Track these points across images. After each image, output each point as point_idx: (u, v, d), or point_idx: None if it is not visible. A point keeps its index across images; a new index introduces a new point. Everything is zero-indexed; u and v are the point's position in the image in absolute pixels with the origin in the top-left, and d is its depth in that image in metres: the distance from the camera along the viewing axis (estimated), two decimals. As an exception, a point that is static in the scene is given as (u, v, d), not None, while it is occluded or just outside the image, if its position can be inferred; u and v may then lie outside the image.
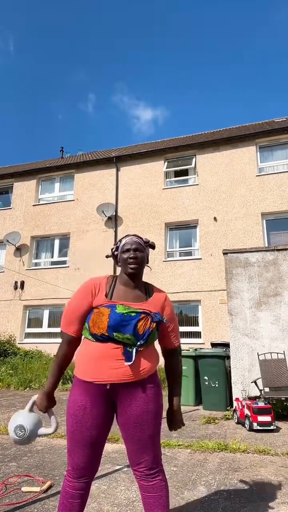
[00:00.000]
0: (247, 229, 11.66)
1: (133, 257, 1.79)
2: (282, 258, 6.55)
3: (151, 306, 1.76)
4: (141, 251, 1.83)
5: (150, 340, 1.73)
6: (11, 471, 3.23)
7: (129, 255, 1.79)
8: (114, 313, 1.67)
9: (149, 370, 1.73)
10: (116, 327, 1.66)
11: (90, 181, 14.11)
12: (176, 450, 3.89)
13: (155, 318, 1.72)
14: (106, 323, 1.66)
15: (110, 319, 1.66)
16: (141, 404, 1.69)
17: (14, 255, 14.09)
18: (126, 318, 1.67)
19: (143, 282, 1.86)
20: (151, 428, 1.70)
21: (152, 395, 1.72)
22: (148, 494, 1.69)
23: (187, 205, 12.58)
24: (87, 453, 1.70)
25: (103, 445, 1.77)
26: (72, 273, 13.10)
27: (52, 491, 2.77)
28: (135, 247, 1.81)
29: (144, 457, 1.69)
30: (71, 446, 1.72)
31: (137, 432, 1.68)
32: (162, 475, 1.73)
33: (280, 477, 3.09)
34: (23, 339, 13.07)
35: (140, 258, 1.80)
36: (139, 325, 1.67)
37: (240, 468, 3.31)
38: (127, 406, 1.69)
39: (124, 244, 1.84)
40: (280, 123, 13.67)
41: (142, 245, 1.85)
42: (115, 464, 3.41)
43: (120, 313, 1.67)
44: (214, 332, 10.97)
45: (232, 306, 6.52)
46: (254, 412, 4.71)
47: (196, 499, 2.63)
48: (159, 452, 1.76)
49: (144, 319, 1.69)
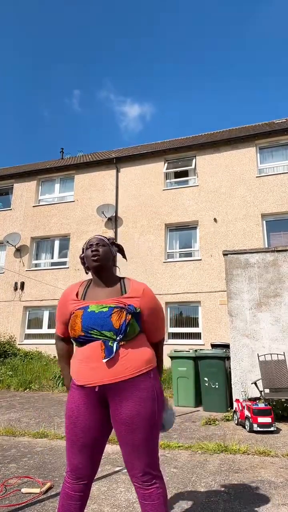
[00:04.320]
0: (247, 230, 11.67)
1: (95, 250, 1.84)
2: (282, 259, 6.55)
3: (126, 299, 1.76)
4: (104, 246, 1.88)
5: (130, 332, 1.69)
6: (11, 473, 3.22)
7: (92, 249, 1.85)
8: (86, 313, 1.71)
9: (137, 367, 1.67)
10: (89, 326, 1.68)
11: (90, 182, 14.13)
12: (176, 451, 3.88)
13: (129, 310, 1.70)
14: (80, 325, 1.69)
15: (82, 320, 1.69)
16: (132, 406, 1.64)
17: (14, 256, 14.09)
18: (98, 315, 1.68)
19: (117, 278, 1.89)
20: (143, 432, 1.63)
21: (145, 397, 1.66)
22: (145, 502, 1.65)
23: (187, 206, 12.59)
24: (83, 454, 1.69)
25: (101, 447, 1.75)
26: (72, 274, 13.10)
27: (52, 492, 2.77)
28: (97, 242, 1.88)
29: (136, 462, 1.64)
30: (68, 447, 1.73)
31: (128, 435, 1.63)
32: (159, 482, 1.67)
33: (280, 478, 3.08)
34: (23, 340, 13.07)
35: (102, 252, 1.84)
36: (113, 319, 1.67)
37: (240, 470, 3.30)
38: (118, 408, 1.66)
39: (88, 242, 1.92)
40: (280, 124, 13.69)
41: (106, 241, 1.91)
42: (115, 465, 3.40)
43: (92, 311, 1.70)
44: (214, 333, 10.97)
45: (232, 307, 6.52)
46: (254, 413, 4.70)
47: (196, 500, 2.62)
48: (155, 458, 1.68)
49: (117, 312, 1.68)
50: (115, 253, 1.97)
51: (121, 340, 1.68)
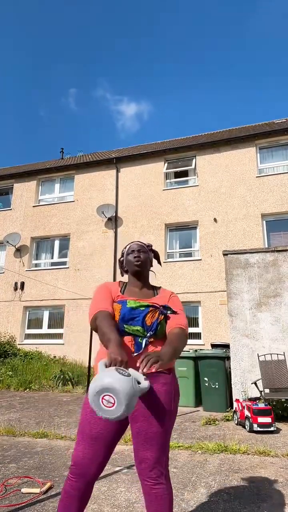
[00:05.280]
0: (247, 230, 11.67)
1: (137, 256, 1.98)
2: (282, 259, 6.55)
3: (158, 301, 1.90)
4: (145, 253, 2.02)
5: (159, 331, 1.80)
6: (11, 473, 3.22)
7: (134, 255, 1.99)
8: (124, 307, 1.81)
9: (162, 364, 1.70)
10: (125, 320, 1.78)
11: (90, 182, 14.13)
12: (176, 451, 3.89)
13: (163, 311, 1.84)
14: (117, 317, 1.79)
15: (121, 313, 1.80)
16: (151, 398, 1.70)
17: (14, 256, 14.09)
18: (135, 312, 1.80)
19: (150, 284, 2.03)
20: (158, 424, 1.68)
21: (165, 392, 1.73)
22: (151, 502, 1.67)
23: (187, 206, 12.59)
24: (93, 448, 1.69)
25: (112, 445, 1.75)
26: (72, 274, 13.10)
27: (52, 492, 2.77)
28: (139, 249, 2.02)
29: (147, 454, 1.67)
30: (78, 438, 1.74)
31: (144, 425, 1.69)
32: (166, 483, 1.69)
33: (280, 478, 3.08)
34: (23, 340, 13.06)
35: (143, 258, 1.99)
36: (147, 317, 1.80)
37: (240, 470, 3.30)
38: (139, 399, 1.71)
39: (129, 247, 2.05)
40: (280, 124, 13.69)
41: (146, 248, 2.06)
42: (115, 465, 3.41)
43: (130, 307, 1.81)
44: (214, 333, 10.97)
45: (232, 307, 6.52)
46: (254, 413, 4.71)
47: (196, 500, 2.62)
48: (165, 455, 1.72)
49: (152, 312, 1.82)
50: (152, 258, 2.12)
51: (151, 337, 1.78)
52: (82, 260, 13.14)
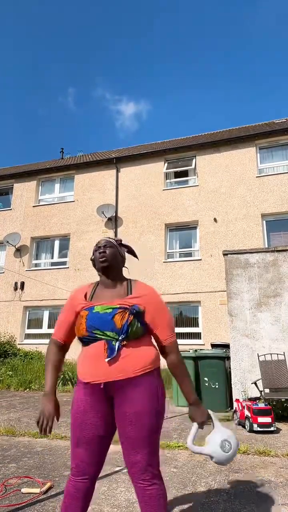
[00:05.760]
0: (247, 230, 11.67)
1: (102, 252, 1.89)
2: (282, 259, 6.55)
3: (131, 300, 1.79)
4: (111, 247, 1.92)
5: (132, 333, 1.71)
6: (11, 473, 3.22)
7: (99, 251, 1.91)
8: (91, 313, 1.75)
9: (141, 367, 1.71)
10: (93, 326, 1.72)
11: (90, 182, 14.13)
12: (176, 451, 3.88)
13: (132, 311, 1.74)
14: (84, 325, 1.74)
15: (87, 320, 1.74)
16: (135, 403, 1.67)
17: (14, 256, 14.09)
18: (102, 316, 1.73)
19: (124, 279, 1.92)
20: (145, 428, 1.67)
21: (148, 395, 1.69)
22: (145, 504, 1.66)
23: (187, 206, 12.59)
24: (88, 451, 1.71)
25: (106, 444, 1.77)
26: (72, 274, 13.11)
27: (52, 492, 2.77)
28: (105, 244, 1.93)
29: (137, 458, 1.66)
30: (73, 443, 1.75)
31: (131, 431, 1.67)
32: (159, 483, 1.68)
33: (281, 478, 3.08)
34: (23, 340, 13.07)
35: (109, 253, 1.89)
36: (116, 320, 1.71)
37: (241, 470, 3.30)
38: (121, 405, 1.70)
39: (95, 245, 1.97)
40: (280, 124, 13.69)
41: (113, 243, 1.96)
42: (115, 465, 3.40)
43: (96, 312, 1.74)
44: (214, 333, 10.97)
45: (232, 307, 6.52)
46: (254, 413, 4.70)
47: (196, 500, 2.62)
48: (156, 456, 1.71)
49: (120, 313, 1.72)
50: (124, 254, 2.00)
51: (123, 340, 1.71)
52: (82, 260, 13.14)
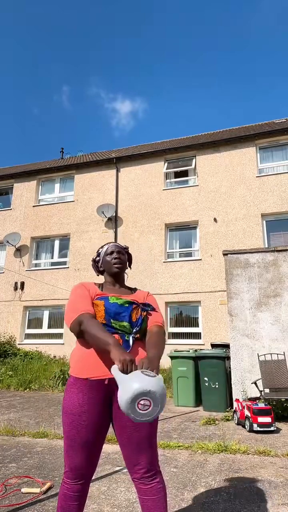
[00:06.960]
0: (247, 230, 11.67)
1: (117, 257, 1.99)
2: (282, 259, 6.55)
3: (137, 299, 1.92)
4: (123, 254, 2.04)
5: (143, 327, 1.82)
6: (11, 472, 3.22)
7: (114, 256, 2.00)
8: (108, 303, 1.79)
9: None
10: (113, 314, 1.76)
11: (90, 182, 14.12)
12: (176, 451, 3.88)
13: (144, 308, 1.87)
14: (103, 312, 1.77)
15: (106, 308, 1.78)
16: None
17: (14, 256, 14.09)
18: (121, 307, 1.79)
19: (126, 285, 2.05)
20: (147, 428, 1.69)
21: None
22: (146, 498, 1.67)
23: (187, 206, 12.59)
24: (84, 452, 1.69)
25: (100, 445, 1.76)
26: (72, 274, 13.10)
27: (52, 492, 2.77)
28: (118, 250, 2.03)
29: (142, 459, 1.68)
30: (68, 446, 1.71)
31: (134, 433, 1.67)
32: (159, 477, 1.72)
33: (280, 478, 3.08)
34: (23, 340, 13.07)
35: (123, 259, 2.02)
36: (132, 313, 1.81)
37: (240, 469, 3.30)
38: None
39: (107, 248, 2.05)
40: (280, 124, 13.69)
41: (123, 250, 2.08)
42: (115, 465, 3.40)
43: (115, 303, 1.80)
44: (214, 333, 10.97)
45: (232, 307, 6.52)
46: (254, 413, 4.70)
47: (196, 500, 2.62)
48: (156, 454, 1.75)
49: (136, 308, 1.84)
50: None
51: (136, 333, 1.79)
52: (82, 260, 13.14)
